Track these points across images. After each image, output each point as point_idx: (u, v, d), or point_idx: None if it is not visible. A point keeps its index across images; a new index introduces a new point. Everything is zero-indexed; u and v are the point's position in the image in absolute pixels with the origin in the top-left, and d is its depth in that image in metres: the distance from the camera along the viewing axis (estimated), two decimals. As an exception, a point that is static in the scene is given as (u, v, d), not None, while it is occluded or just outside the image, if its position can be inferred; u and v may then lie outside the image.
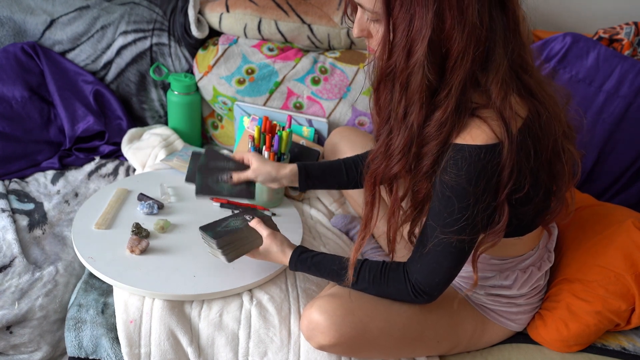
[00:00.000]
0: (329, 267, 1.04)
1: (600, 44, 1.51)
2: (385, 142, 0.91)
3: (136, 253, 1.17)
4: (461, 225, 0.88)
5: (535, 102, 0.89)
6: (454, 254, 0.92)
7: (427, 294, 0.97)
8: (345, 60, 1.64)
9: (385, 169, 0.92)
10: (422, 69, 0.80)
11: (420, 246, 0.95)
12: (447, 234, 0.89)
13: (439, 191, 0.89)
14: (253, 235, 1.11)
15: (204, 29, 1.65)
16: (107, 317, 1.11)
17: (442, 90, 0.83)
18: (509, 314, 1.12)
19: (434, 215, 0.91)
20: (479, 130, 0.84)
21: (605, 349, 1.15)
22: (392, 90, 0.87)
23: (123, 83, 1.68)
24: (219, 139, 1.79)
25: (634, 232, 1.13)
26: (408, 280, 0.97)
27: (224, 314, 1.10)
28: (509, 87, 0.85)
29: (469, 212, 0.87)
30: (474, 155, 0.84)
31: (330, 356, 1.06)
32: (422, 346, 1.07)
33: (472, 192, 0.86)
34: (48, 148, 1.58)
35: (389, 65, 0.84)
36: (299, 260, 1.06)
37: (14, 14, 1.60)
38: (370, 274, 1.00)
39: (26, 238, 1.28)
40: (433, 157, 0.87)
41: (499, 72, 0.84)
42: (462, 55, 0.80)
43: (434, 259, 0.93)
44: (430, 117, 0.85)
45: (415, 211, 0.95)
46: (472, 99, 0.86)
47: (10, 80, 1.55)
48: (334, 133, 1.48)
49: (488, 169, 0.85)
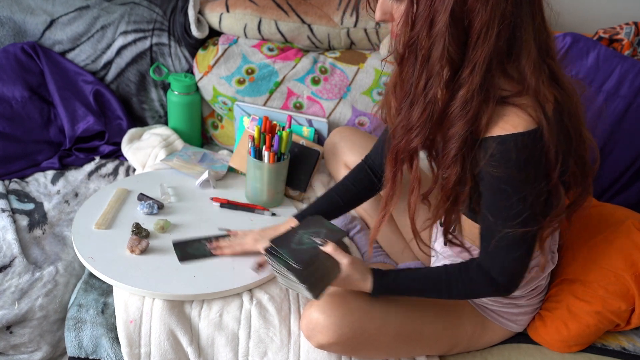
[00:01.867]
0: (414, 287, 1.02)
1: (600, 44, 1.51)
2: (406, 116, 0.91)
3: (136, 253, 1.17)
4: (522, 215, 0.88)
5: (560, 89, 0.90)
6: (520, 244, 0.92)
7: (507, 287, 0.98)
8: (345, 60, 1.64)
9: (405, 143, 0.92)
10: (444, 41, 0.80)
11: (485, 243, 0.95)
12: (510, 227, 0.90)
13: (492, 185, 0.89)
14: (331, 262, 0.99)
15: (204, 29, 1.65)
16: (107, 317, 1.11)
17: (465, 67, 0.83)
18: (509, 315, 1.12)
19: (492, 211, 0.91)
20: (519, 118, 0.85)
21: (605, 349, 1.15)
22: (415, 63, 0.86)
23: (123, 83, 1.68)
24: (219, 139, 1.79)
25: (633, 233, 1.13)
26: (489, 277, 0.97)
27: (224, 314, 1.10)
28: (541, 71, 0.86)
29: (528, 201, 0.88)
30: (519, 143, 0.84)
31: (330, 356, 1.06)
32: (421, 345, 1.08)
33: (525, 179, 0.86)
34: (48, 148, 1.58)
35: (411, 37, 0.84)
36: (381, 287, 1.01)
37: (14, 14, 1.60)
38: (459, 285, 0.99)
39: (26, 238, 1.28)
40: (460, 140, 0.86)
41: (530, 55, 0.84)
42: (485, 29, 0.80)
43: (503, 253, 0.94)
44: (455, 96, 0.85)
45: (447, 202, 0.93)
46: (502, 85, 0.86)
47: (10, 80, 1.55)
48: (334, 133, 1.48)
49: (535, 154, 0.85)
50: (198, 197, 1.41)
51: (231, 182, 1.51)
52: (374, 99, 1.60)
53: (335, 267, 0.99)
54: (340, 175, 1.43)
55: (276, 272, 0.99)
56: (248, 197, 1.43)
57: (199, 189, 1.44)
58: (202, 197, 1.41)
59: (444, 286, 1.00)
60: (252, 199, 1.42)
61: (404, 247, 1.34)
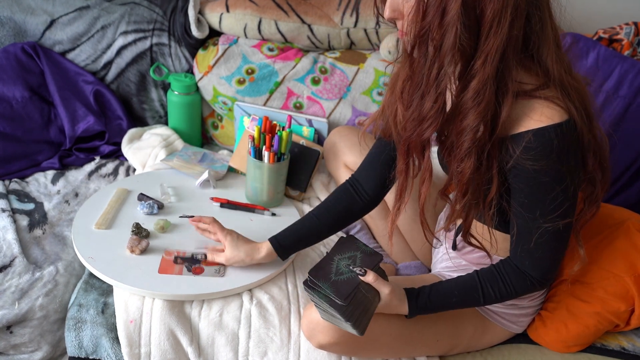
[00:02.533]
0: (449, 301, 1.01)
1: (600, 44, 1.51)
2: (417, 108, 0.90)
3: (136, 253, 1.17)
4: (565, 205, 0.89)
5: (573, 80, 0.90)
6: (560, 237, 0.93)
7: (544, 282, 0.98)
8: (345, 60, 1.64)
9: (417, 135, 0.91)
10: (455, 30, 0.80)
11: (522, 242, 0.94)
12: (552, 220, 0.89)
13: (531, 180, 0.88)
14: (372, 292, 0.95)
15: (204, 29, 1.65)
16: (107, 317, 1.11)
17: (478, 58, 0.82)
18: (510, 316, 1.12)
19: (532, 207, 0.91)
20: (552, 110, 0.85)
21: (605, 348, 1.15)
22: (426, 54, 0.85)
23: (123, 83, 1.68)
24: (219, 139, 1.79)
25: (633, 234, 1.13)
26: (529, 276, 0.97)
27: (224, 314, 1.10)
28: (563, 61, 0.87)
29: (569, 191, 0.88)
30: (559, 134, 0.84)
31: (330, 356, 1.06)
32: (421, 345, 1.08)
33: (567, 170, 0.87)
34: (48, 148, 1.58)
35: (423, 26, 0.83)
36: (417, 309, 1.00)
37: (15, 14, 1.60)
38: (494, 289, 0.98)
39: (26, 238, 1.28)
40: (473, 132, 0.85)
41: (551, 46, 0.85)
42: (497, 18, 0.79)
43: (541, 249, 0.93)
44: (467, 86, 0.85)
45: (464, 198, 0.92)
46: (523, 79, 0.87)
47: (10, 80, 1.55)
48: (333, 133, 1.48)
49: (573, 143, 0.86)
50: (198, 197, 1.41)
51: (231, 182, 1.51)
52: (374, 99, 1.60)
53: (376, 297, 0.96)
54: (340, 175, 1.44)
55: (317, 307, 0.95)
56: (248, 197, 1.43)
57: (199, 189, 1.45)
58: (202, 197, 1.41)
59: (479, 294, 0.99)
60: (252, 199, 1.42)
61: (404, 246, 1.34)
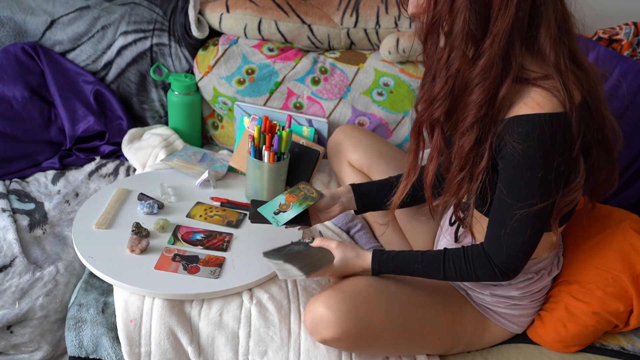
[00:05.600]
0: (413, 265, 1.04)
1: (599, 44, 1.51)
2: (428, 90, 0.96)
3: (136, 253, 1.17)
4: (538, 194, 0.90)
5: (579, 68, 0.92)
6: (535, 223, 0.93)
7: (513, 270, 0.99)
8: (345, 61, 1.64)
9: (428, 115, 0.96)
10: (464, 15, 0.84)
11: (497, 227, 0.96)
12: (529, 205, 0.91)
13: (514, 162, 0.90)
14: (322, 252, 1.09)
15: (204, 29, 1.66)
16: (108, 317, 1.11)
17: (487, 39, 0.86)
18: (511, 317, 1.13)
19: (511, 189, 0.92)
20: (544, 99, 0.87)
21: (604, 348, 1.15)
22: (437, 40, 0.91)
23: (123, 83, 1.68)
24: (219, 139, 1.79)
25: (631, 234, 1.13)
26: (493, 263, 0.98)
27: (224, 313, 1.11)
28: (561, 45, 0.88)
29: (550, 175, 0.89)
30: (546, 123, 0.86)
31: (330, 355, 1.06)
32: (422, 342, 1.08)
33: (549, 156, 0.88)
34: (48, 148, 1.58)
35: (434, 14, 0.88)
36: (380, 263, 1.06)
37: (15, 14, 1.60)
38: (456, 266, 1.01)
39: (27, 238, 1.28)
40: (477, 107, 0.89)
41: (550, 28, 0.88)
42: (505, 1, 0.83)
43: (514, 236, 0.94)
44: (475, 64, 0.88)
45: (460, 173, 0.95)
46: (527, 65, 0.89)
47: (10, 80, 1.55)
48: (338, 131, 1.48)
49: (559, 134, 0.87)
50: (198, 197, 1.41)
51: (231, 182, 1.51)
52: (374, 99, 1.60)
53: (328, 255, 1.07)
54: (343, 173, 1.44)
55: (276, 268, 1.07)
56: (248, 197, 1.43)
57: (199, 188, 1.45)
58: (202, 197, 1.41)
59: (441, 267, 1.02)
60: (252, 198, 1.42)
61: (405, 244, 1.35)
